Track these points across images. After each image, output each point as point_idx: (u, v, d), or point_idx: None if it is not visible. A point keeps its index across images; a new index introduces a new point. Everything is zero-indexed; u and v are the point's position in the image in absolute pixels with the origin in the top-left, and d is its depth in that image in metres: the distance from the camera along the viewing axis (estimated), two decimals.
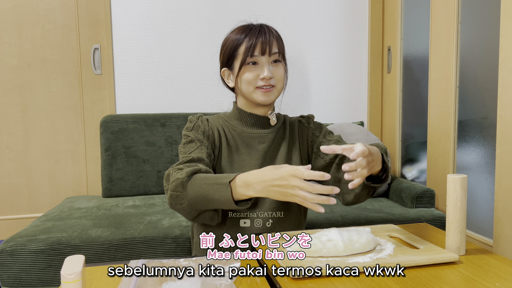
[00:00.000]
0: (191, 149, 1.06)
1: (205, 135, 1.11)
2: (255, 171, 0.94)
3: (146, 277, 0.76)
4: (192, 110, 2.50)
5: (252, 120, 1.14)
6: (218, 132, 1.13)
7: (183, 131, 1.13)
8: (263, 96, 1.09)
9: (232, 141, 1.13)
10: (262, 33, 1.08)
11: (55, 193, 2.45)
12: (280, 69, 1.11)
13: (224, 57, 1.13)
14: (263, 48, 1.07)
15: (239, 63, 1.09)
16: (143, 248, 1.63)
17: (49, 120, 2.42)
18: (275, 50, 1.09)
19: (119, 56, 2.42)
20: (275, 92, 1.11)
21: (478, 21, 1.93)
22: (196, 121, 1.14)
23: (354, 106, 2.72)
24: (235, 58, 1.10)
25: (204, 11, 2.49)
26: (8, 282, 1.58)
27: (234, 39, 1.10)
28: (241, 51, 1.08)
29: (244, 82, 1.09)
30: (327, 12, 2.63)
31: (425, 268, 0.79)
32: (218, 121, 1.17)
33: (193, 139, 1.09)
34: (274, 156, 1.15)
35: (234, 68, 1.12)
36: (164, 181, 1.02)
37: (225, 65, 1.14)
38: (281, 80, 1.11)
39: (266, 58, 1.08)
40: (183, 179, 0.96)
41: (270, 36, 1.09)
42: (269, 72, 1.07)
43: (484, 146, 1.87)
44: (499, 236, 1.69)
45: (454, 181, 0.84)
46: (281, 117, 1.20)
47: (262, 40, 1.07)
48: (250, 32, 1.09)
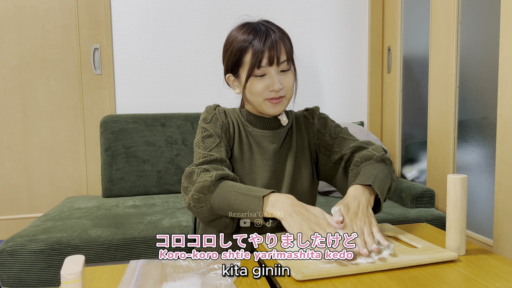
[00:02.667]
0: (211, 146, 1.03)
1: (223, 129, 1.07)
2: (291, 196, 0.91)
3: (146, 277, 0.76)
4: (192, 110, 2.50)
5: (262, 124, 1.11)
6: (233, 126, 1.10)
7: (200, 122, 1.08)
8: (272, 107, 1.04)
9: (245, 139, 1.10)
10: (268, 39, 1.01)
11: (55, 193, 2.45)
12: (289, 78, 1.05)
13: (229, 63, 1.07)
14: (271, 57, 1.00)
15: (246, 73, 1.02)
16: (143, 248, 1.63)
17: (49, 120, 2.42)
18: (284, 59, 1.02)
19: (119, 56, 2.42)
20: (285, 102, 1.06)
21: (478, 21, 1.93)
22: (214, 113, 1.09)
23: (354, 106, 2.72)
24: (240, 66, 1.04)
25: (204, 11, 2.49)
26: (8, 282, 1.58)
27: (238, 44, 1.03)
28: (247, 59, 1.02)
29: (253, 94, 1.04)
30: (327, 12, 2.63)
31: (425, 268, 0.79)
32: (234, 115, 1.13)
33: (212, 134, 1.05)
34: (284, 156, 1.12)
35: (240, 76, 1.06)
36: (184, 178, 0.98)
37: (230, 71, 1.08)
38: (290, 88, 1.06)
39: (274, 69, 1.01)
40: (211, 182, 0.92)
41: (277, 42, 1.01)
42: (279, 84, 1.01)
43: (484, 146, 1.87)
44: (499, 236, 1.69)
45: (454, 181, 0.84)
46: (289, 115, 1.16)
47: (269, 47, 1.00)
48: (256, 36, 1.01)
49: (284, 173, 1.11)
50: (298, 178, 1.12)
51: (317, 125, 1.14)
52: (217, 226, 1.00)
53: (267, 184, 1.09)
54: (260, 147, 1.10)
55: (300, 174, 1.12)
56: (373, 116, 2.71)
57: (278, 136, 1.11)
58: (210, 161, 0.99)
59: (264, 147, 1.10)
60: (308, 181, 1.13)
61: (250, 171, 1.09)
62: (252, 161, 1.09)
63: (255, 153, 1.10)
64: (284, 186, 1.10)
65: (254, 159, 1.09)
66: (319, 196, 2.22)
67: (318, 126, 1.14)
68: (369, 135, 2.37)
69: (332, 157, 1.11)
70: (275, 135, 1.11)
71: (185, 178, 0.98)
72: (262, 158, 1.09)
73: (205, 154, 1.01)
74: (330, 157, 1.11)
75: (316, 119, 1.15)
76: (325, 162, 1.13)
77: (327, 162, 1.12)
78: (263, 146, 1.10)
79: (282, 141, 1.12)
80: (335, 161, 1.10)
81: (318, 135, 1.14)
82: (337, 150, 1.10)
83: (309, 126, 1.16)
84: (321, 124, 1.14)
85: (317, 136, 1.14)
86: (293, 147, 1.12)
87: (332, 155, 1.11)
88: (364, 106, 2.73)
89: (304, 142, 1.14)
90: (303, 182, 1.12)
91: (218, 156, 1.00)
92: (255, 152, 1.10)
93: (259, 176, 1.08)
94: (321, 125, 1.14)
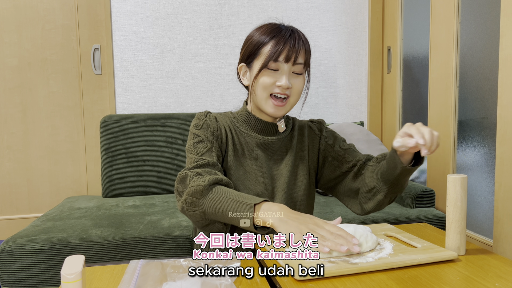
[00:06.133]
0: (203, 150, 1.02)
1: (214, 135, 1.07)
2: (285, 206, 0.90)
3: (146, 277, 0.76)
4: (192, 110, 2.50)
5: (260, 126, 1.10)
6: (225, 133, 1.09)
7: (191, 129, 1.08)
8: (273, 108, 1.04)
9: (238, 145, 1.10)
10: (292, 38, 1.02)
11: (55, 193, 2.45)
12: (300, 82, 1.06)
13: (246, 52, 1.07)
14: (289, 55, 1.01)
15: (260, 64, 1.02)
16: (143, 248, 1.63)
17: (49, 120, 2.42)
18: (301, 61, 1.04)
19: (119, 56, 2.42)
20: (287, 106, 1.06)
21: (478, 21, 1.93)
22: (205, 119, 1.09)
23: (354, 106, 2.72)
24: (256, 57, 1.04)
25: (204, 11, 2.49)
26: (8, 282, 1.58)
27: (261, 36, 1.03)
28: (265, 51, 1.02)
29: (260, 86, 1.04)
30: (327, 12, 2.63)
31: (425, 268, 0.79)
32: (225, 120, 1.12)
33: (203, 139, 1.05)
34: (279, 163, 1.11)
35: (253, 68, 1.06)
36: (176, 182, 0.98)
37: (244, 61, 1.08)
38: (297, 93, 1.07)
39: (288, 67, 1.02)
40: (204, 186, 0.92)
41: (299, 44, 1.03)
42: (288, 82, 1.02)
43: (484, 146, 1.87)
44: (499, 236, 1.69)
45: (454, 181, 0.84)
46: (290, 122, 1.16)
47: (289, 47, 1.01)
48: (280, 34, 1.02)
49: (280, 180, 1.10)
50: (294, 186, 1.12)
51: (325, 137, 1.16)
52: (211, 230, 0.99)
53: (261, 190, 1.08)
54: (254, 153, 1.09)
55: (296, 182, 1.12)
56: (373, 116, 2.71)
57: (273, 144, 1.11)
58: (203, 165, 0.99)
59: (258, 153, 1.09)
60: (304, 190, 1.12)
61: (244, 177, 1.08)
62: (246, 167, 1.09)
63: (248, 159, 1.09)
64: (279, 193, 1.09)
65: (248, 165, 1.09)
66: (319, 196, 2.21)
67: (326, 138, 1.16)
68: (369, 135, 2.36)
69: (344, 166, 1.12)
70: (270, 143, 1.10)
71: (178, 182, 0.98)
72: (256, 164, 1.09)
73: (196, 158, 1.01)
74: (340, 166, 1.13)
75: (324, 131, 1.17)
76: (332, 172, 1.14)
77: (335, 171, 1.13)
78: (257, 152, 1.09)
79: (277, 149, 1.11)
80: (346, 169, 1.12)
81: (326, 146, 1.15)
82: (349, 160, 1.12)
83: (313, 137, 1.16)
84: (329, 136, 1.16)
85: (325, 147, 1.15)
86: (290, 154, 1.12)
87: (342, 164, 1.12)
88: (364, 106, 2.73)
89: (304, 151, 1.14)
90: (299, 191, 1.12)
91: (210, 160, 1.00)
92: (248, 158, 1.09)
93: (252, 182, 1.08)
94: (329, 137, 1.16)
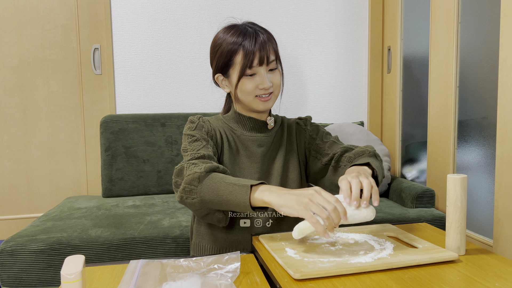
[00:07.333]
0: (199, 147, 1.05)
1: (209, 135, 1.10)
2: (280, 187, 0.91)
3: (146, 277, 0.76)
4: (192, 110, 2.50)
5: (251, 124, 1.14)
6: (219, 133, 1.13)
7: (186, 131, 1.11)
8: (262, 104, 1.10)
9: (233, 143, 1.14)
10: (258, 40, 1.07)
11: (55, 193, 2.45)
12: (277, 76, 1.11)
13: (219, 63, 1.11)
14: (261, 58, 1.06)
15: (237, 74, 1.07)
16: (143, 248, 1.63)
17: (49, 120, 2.42)
18: (272, 58, 1.09)
19: (119, 56, 2.42)
20: (273, 98, 1.12)
21: (478, 21, 1.93)
22: (198, 121, 1.13)
23: (354, 106, 2.72)
24: (231, 67, 1.09)
25: (204, 11, 2.49)
26: (8, 282, 1.58)
27: (229, 46, 1.08)
28: (238, 60, 1.07)
29: (244, 93, 1.09)
30: (327, 12, 2.63)
31: (425, 268, 0.79)
32: (218, 122, 1.17)
33: (199, 138, 1.07)
34: (272, 159, 1.15)
35: (230, 76, 1.10)
36: (174, 175, 1.00)
37: (220, 71, 1.12)
38: (278, 86, 1.12)
39: (264, 68, 1.08)
40: (201, 173, 0.94)
41: (266, 43, 1.07)
42: (268, 82, 1.08)
43: (484, 146, 1.87)
44: (499, 236, 1.69)
45: (454, 181, 0.84)
46: (279, 119, 1.21)
47: (259, 48, 1.06)
48: (246, 38, 1.07)
49: (273, 174, 1.14)
50: (287, 179, 1.16)
51: (309, 131, 1.20)
52: (211, 220, 1.02)
53: None
54: (248, 150, 1.14)
55: (289, 175, 1.16)
56: (373, 116, 2.71)
57: (265, 140, 1.15)
58: (198, 157, 1.01)
59: (252, 150, 1.14)
60: (296, 183, 1.16)
61: (240, 173, 1.11)
62: (241, 164, 1.12)
63: (243, 156, 1.13)
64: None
65: (243, 162, 1.13)
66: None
67: (310, 132, 1.20)
68: (369, 135, 2.36)
69: (323, 159, 1.15)
70: (262, 138, 1.15)
71: (176, 176, 1.00)
72: (250, 161, 1.13)
73: (193, 153, 1.03)
74: (321, 159, 1.15)
75: (308, 125, 1.21)
76: (315, 165, 1.17)
77: (317, 164, 1.16)
78: (251, 149, 1.14)
79: (269, 145, 1.16)
80: (326, 163, 1.14)
81: (310, 139, 1.19)
82: (328, 152, 1.14)
83: (300, 132, 1.21)
84: (313, 130, 1.20)
85: (309, 141, 1.19)
86: (282, 150, 1.17)
87: (322, 157, 1.15)
88: (364, 106, 2.73)
89: (293, 146, 1.19)
90: (291, 183, 1.16)
91: (206, 153, 1.02)
92: (242, 155, 1.13)
93: (248, 177, 1.11)
94: (312, 130, 1.20)
